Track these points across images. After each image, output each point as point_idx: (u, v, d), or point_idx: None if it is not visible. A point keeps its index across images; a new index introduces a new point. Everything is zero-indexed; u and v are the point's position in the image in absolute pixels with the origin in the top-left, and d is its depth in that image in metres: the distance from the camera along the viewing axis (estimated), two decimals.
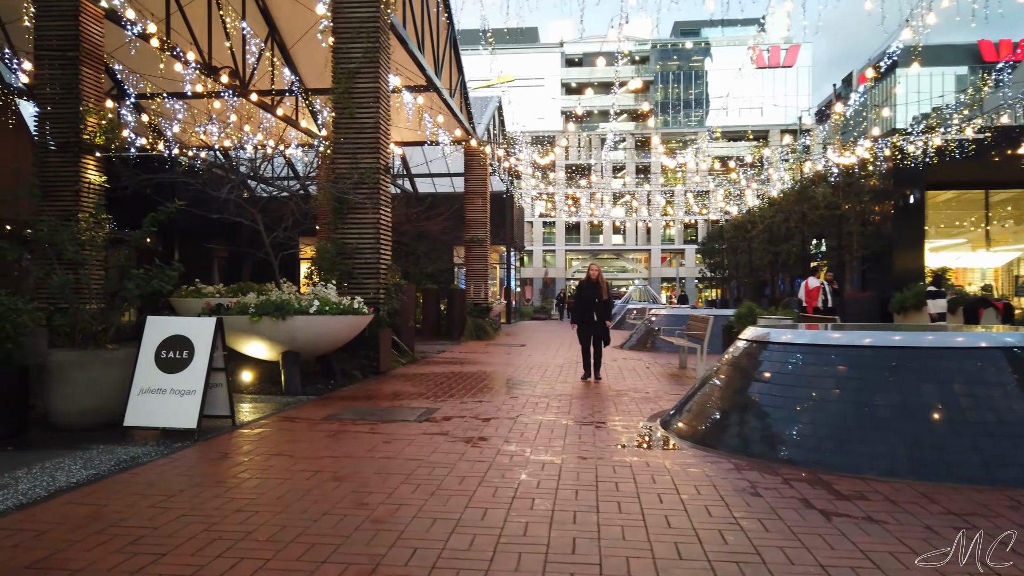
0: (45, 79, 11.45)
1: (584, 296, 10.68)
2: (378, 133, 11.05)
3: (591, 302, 10.58)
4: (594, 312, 10.55)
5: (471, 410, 7.77)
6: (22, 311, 6.57)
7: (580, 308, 10.75)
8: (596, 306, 10.55)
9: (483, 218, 22.49)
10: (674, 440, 6.20)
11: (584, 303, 10.66)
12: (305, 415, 7.33)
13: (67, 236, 6.72)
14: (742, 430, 5.88)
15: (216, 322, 6.32)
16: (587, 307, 10.60)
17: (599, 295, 10.57)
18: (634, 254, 76.92)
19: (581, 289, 10.82)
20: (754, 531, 3.82)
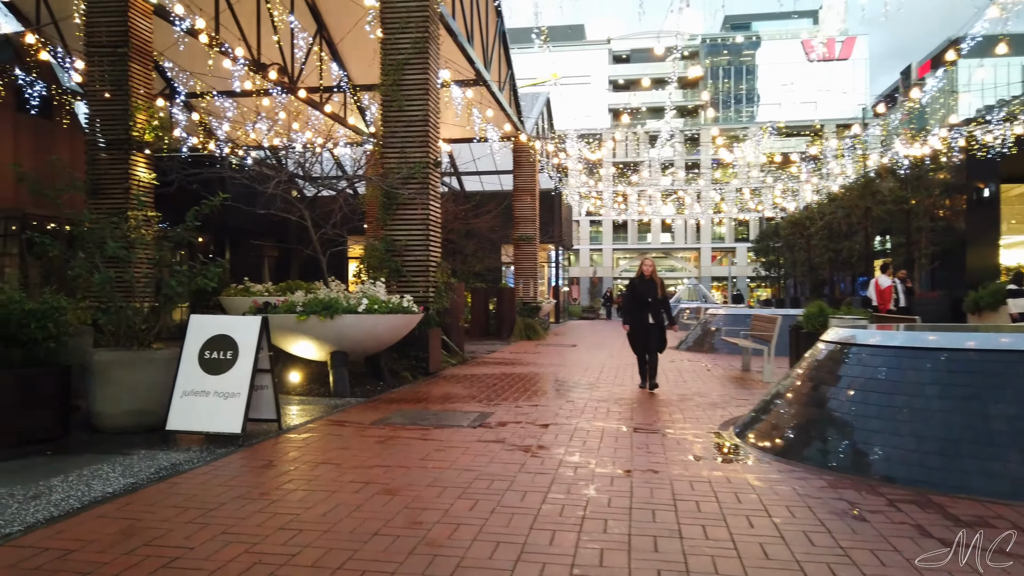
0: (95, 76, 11.39)
1: (637, 295, 9.43)
2: (427, 126, 10.69)
3: (645, 302, 9.36)
4: (649, 313, 9.35)
5: (527, 415, 7.33)
6: (66, 309, 6.36)
7: (633, 309, 9.51)
8: (651, 306, 9.35)
9: (532, 215, 22.05)
10: (752, 452, 5.66)
11: (637, 303, 9.44)
12: (353, 419, 6.98)
13: (109, 232, 6.48)
14: (830, 442, 5.31)
15: (261, 321, 6.01)
16: (641, 307, 9.39)
17: (654, 294, 9.35)
18: (683, 253, 75.60)
19: (633, 287, 9.53)
20: (870, 566, 3.29)
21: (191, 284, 6.41)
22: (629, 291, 9.67)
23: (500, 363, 12.83)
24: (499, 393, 8.92)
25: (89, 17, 11.38)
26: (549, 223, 27.37)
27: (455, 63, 14.85)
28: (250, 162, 14.65)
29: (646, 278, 9.40)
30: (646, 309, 9.35)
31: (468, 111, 17.34)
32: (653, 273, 9.45)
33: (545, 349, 16.34)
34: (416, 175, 10.58)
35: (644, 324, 9.38)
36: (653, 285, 9.37)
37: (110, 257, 6.68)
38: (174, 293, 6.30)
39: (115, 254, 6.22)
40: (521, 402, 8.20)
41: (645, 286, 9.38)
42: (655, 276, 9.46)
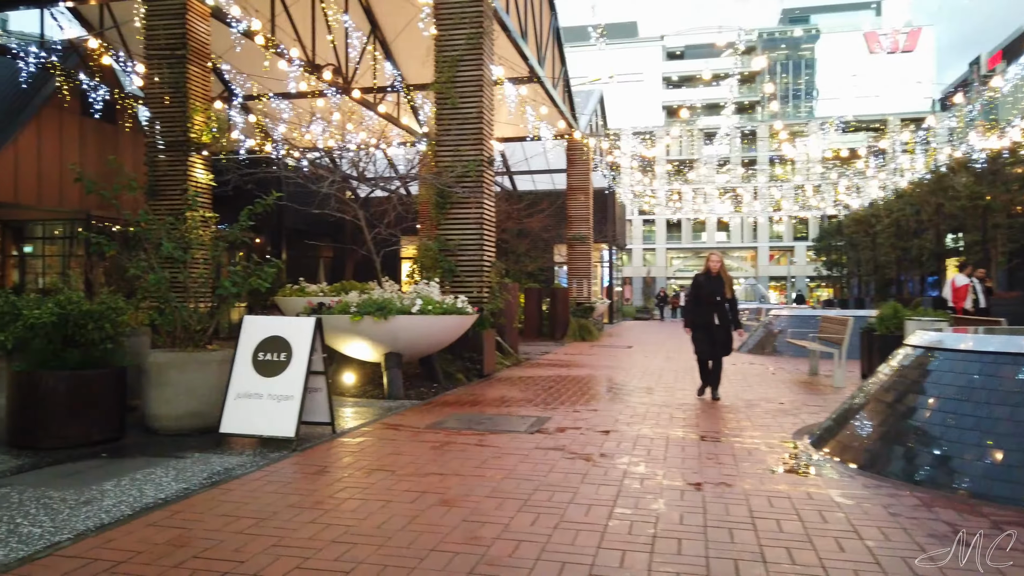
0: (154, 79, 11.53)
1: (702, 293, 8.58)
2: (481, 123, 10.49)
3: (711, 301, 8.54)
4: (715, 314, 8.53)
5: (586, 420, 7.05)
6: (123, 310, 6.34)
7: (697, 308, 8.69)
8: (717, 306, 8.52)
9: (586, 214, 21.71)
10: (832, 464, 5.27)
11: (702, 302, 8.61)
12: (408, 422, 6.81)
13: (164, 232, 6.45)
14: (920, 455, 4.89)
15: (315, 322, 5.87)
16: (706, 307, 8.58)
17: (721, 292, 8.49)
18: (740, 252, 74.07)
19: (698, 285, 8.68)
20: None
21: (245, 284, 6.33)
22: (693, 289, 8.86)
23: (555, 365, 12.56)
24: (555, 396, 8.66)
25: (149, 20, 11.53)
26: (602, 222, 26.97)
27: (508, 60, 14.64)
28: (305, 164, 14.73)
29: (712, 275, 8.57)
30: (712, 309, 8.54)
31: (521, 109, 17.11)
32: (721, 269, 8.61)
33: (600, 351, 16.00)
34: (470, 173, 10.39)
35: (709, 325, 8.57)
36: (720, 283, 8.54)
37: (166, 257, 6.65)
38: (228, 293, 6.22)
39: (170, 254, 6.16)
40: (579, 406, 7.92)
41: (711, 283, 8.56)
42: (723, 272, 8.61)
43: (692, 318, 8.79)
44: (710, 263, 8.66)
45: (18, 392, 5.44)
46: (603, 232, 26.96)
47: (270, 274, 6.38)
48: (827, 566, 3.28)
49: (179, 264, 6.31)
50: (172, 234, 6.85)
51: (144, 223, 6.70)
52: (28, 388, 5.41)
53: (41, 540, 3.52)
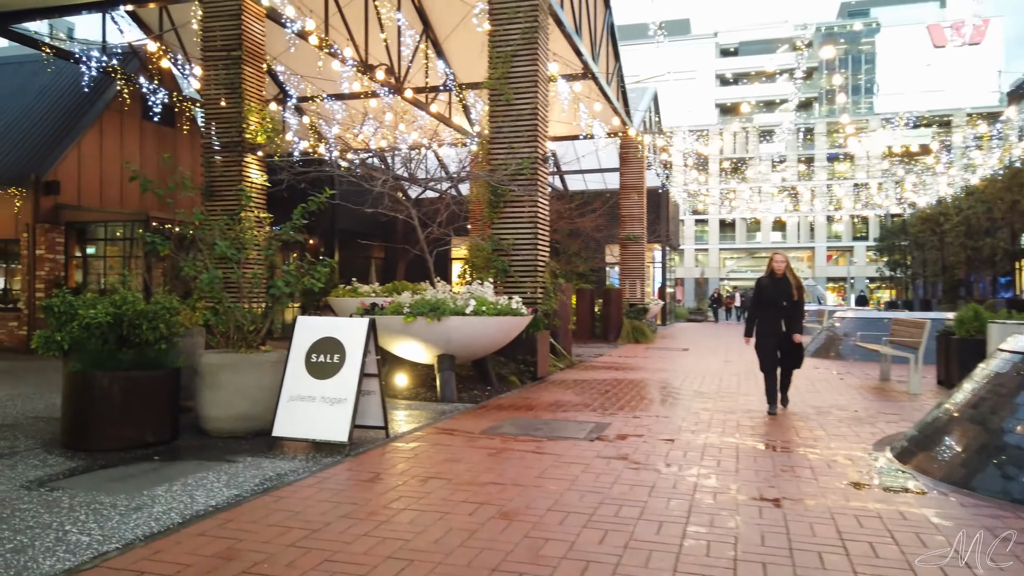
0: (211, 80, 11.60)
1: (766, 297, 7.67)
2: (536, 120, 10.24)
3: (777, 306, 7.63)
4: (781, 320, 7.61)
5: (647, 427, 6.73)
6: (177, 310, 6.28)
7: (761, 314, 7.75)
8: (784, 312, 7.60)
9: (639, 213, 21.28)
10: (921, 480, 4.85)
11: (767, 307, 7.69)
12: (463, 427, 6.59)
13: (219, 231, 6.37)
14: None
15: (368, 324, 5.70)
16: (771, 313, 7.64)
17: (788, 295, 7.58)
18: (796, 252, 72.25)
19: (761, 288, 7.77)
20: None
21: (298, 284, 6.20)
22: (756, 293, 7.88)
23: (610, 367, 12.23)
24: (613, 401, 8.35)
25: (205, 21, 11.61)
26: (655, 222, 26.47)
27: (561, 56, 14.35)
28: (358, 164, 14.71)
29: (777, 276, 7.66)
30: (778, 315, 7.60)
31: (574, 106, 16.81)
32: (787, 270, 7.70)
33: (655, 353, 15.59)
34: (524, 171, 10.15)
35: (774, 334, 7.62)
36: (787, 285, 7.60)
37: (220, 257, 6.57)
38: (281, 293, 6.10)
39: (224, 254, 6.07)
40: (639, 412, 7.60)
41: (776, 287, 7.63)
42: (789, 274, 7.69)
43: (753, 325, 7.86)
44: (774, 264, 7.77)
45: (73, 393, 5.40)
46: (656, 232, 26.45)
47: (323, 274, 6.25)
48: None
49: (232, 264, 6.21)
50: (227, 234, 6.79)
51: (198, 222, 6.64)
52: (82, 389, 5.37)
53: (89, 549, 3.39)
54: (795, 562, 3.34)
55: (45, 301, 5.97)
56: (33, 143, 16.94)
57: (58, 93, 18.15)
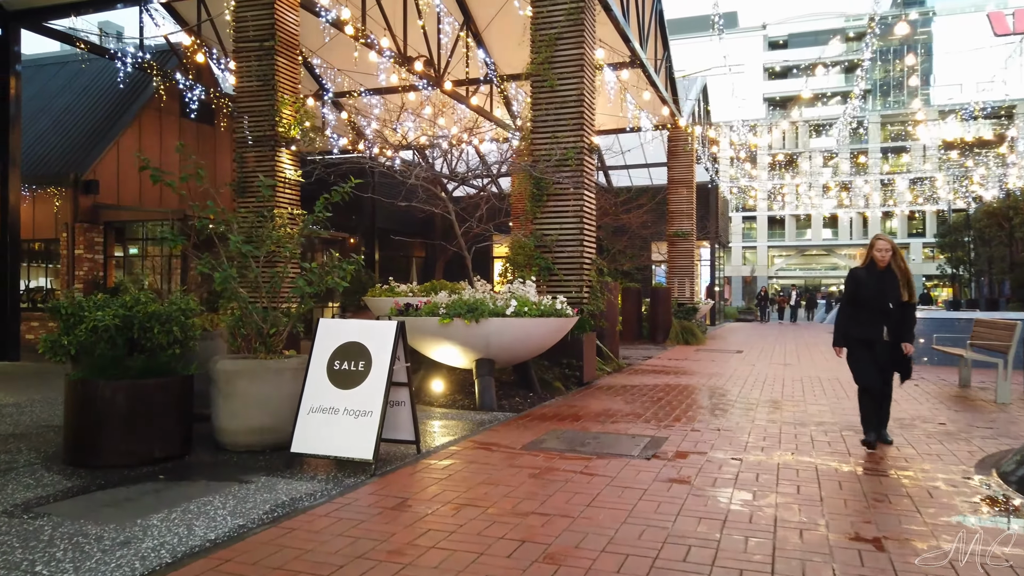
0: (243, 72, 11.19)
1: (863, 295, 5.81)
2: (582, 107, 9.56)
3: (879, 307, 5.75)
4: (884, 325, 5.75)
5: (709, 442, 6.01)
6: (194, 311, 5.78)
7: (858, 316, 5.90)
8: (891, 316, 5.75)
9: (688, 209, 20.41)
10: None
11: (867, 308, 5.82)
12: (502, 440, 5.97)
13: (236, 224, 5.85)
14: None
15: (397, 327, 5.10)
16: (871, 315, 5.79)
17: (895, 294, 5.74)
18: (848, 250, 70.05)
19: (856, 283, 5.91)
20: None
21: (321, 283, 5.65)
22: (849, 289, 6.02)
23: (660, 372, 11.48)
24: (666, 410, 7.63)
25: (237, 11, 11.20)
26: (703, 218, 25.52)
27: (607, 43, 13.63)
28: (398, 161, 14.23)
29: (880, 267, 5.81)
30: (880, 319, 5.79)
31: (620, 97, 16.06)
32: (893, 260, 5.86)
33: (707, 355, 14.76)
34: (569, 161, 9.47)
35: (874, 343, 5.81)
36: (892, 280, 5.77)
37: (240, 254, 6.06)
38: (303, 293, 5.55)
39: (238, 250, 5.55)
40: (696, 424, 6.87)
41: (878, 281, 5.78)
42: (896, 264, 5.86)
43: (848, 331, 6.01)
44: (876, 252, 5.85)
45: (73, 404, 4.92)
46: (705, 228, 25.49)
47: (348, 271, 5.68)
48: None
49: (248, 260, 5.68)
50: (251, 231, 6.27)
51: (213, 216, 6.13)
52: (83, 399, 4.88)
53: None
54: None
55: (51, 302, 5.52)
56: (73, 142, 16.87)
57: (99, 92, 18.08)
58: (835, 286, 68.98)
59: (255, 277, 5.66)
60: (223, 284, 5.36)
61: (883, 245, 5.88)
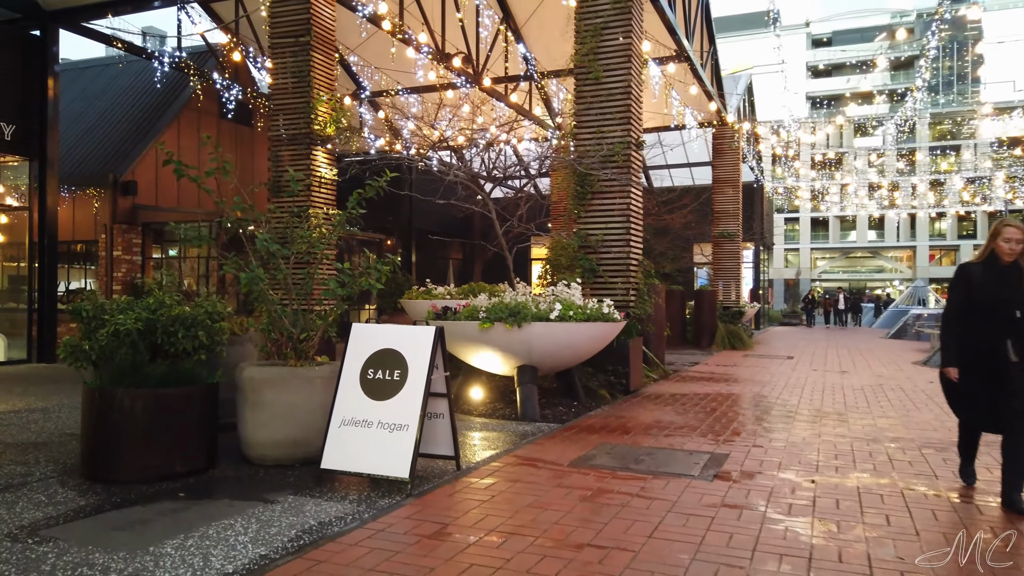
0: (278, 68, 10.92)
1: (985, 300, 4.50)
2: (629, 99, 9.07)
3: (1008, 315, 4.39)
4: (1009, 340, 4.36)
5: (775, 460, 5.47)
6: (221, 315, 5.45)
7: (973, 328, 4.54)
8: (1016, 326, 4.36)
9: (734, 209, 19.72)
10: None
11: (984, 317, 4.49)
12: (548, 456, 5.51)
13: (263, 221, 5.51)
14: None
15: (435, 333, 4.68)
16: (996, 326, 4.42)
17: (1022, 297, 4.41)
18: (894, 252, 68.19)
19: (970, 283, 4.58)
20: None
21: (355, 284, 5.26)
22: (960, 290, 4.65)
23: (709, 379, 10.91)
24: (722, 422, 7.10)
25: (272, 6, 10.94)
26: (748, 219, 24.75)
27: (651, 35, 13.10)
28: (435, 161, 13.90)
29: (1003, 263, 4.49)
30: (1001, 330, 4.41)
31: (664, 93, 15.50)
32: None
33: (756, 361, 14.11)
34: (615, 156, 8.98)
35: (987, 358, 4.45)
36: (1018, 278, 4.45)
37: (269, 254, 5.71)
38: (335, 295, 5.17)
39: (266, 249, 5.19)
40: (758, 438, 6.34)
41: (1001, 280, 4.48)
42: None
43: (956, 344, 4.64)
44: (1001, 242, 4.47)
45: (89, 414, 4.60)
46: (750, 229, 24.73)
47: (384, 272, 5.28)
48: None
49: (278, 261, 5.32)
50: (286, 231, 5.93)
51: (240, 213, 5.79)
52: (100, 409, 4.56)
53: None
54: None
55: (72, 304, 5.23)
56: (112, 144, 16.87)
57: (138, 94, 18.09)
58: (880, 289, 67.21)
59: (284, 278, 5.29)
60: (249, 286, 5.00)
61: (1014, 234, 4.42)
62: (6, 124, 12.38)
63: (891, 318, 30.21)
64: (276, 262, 5.23)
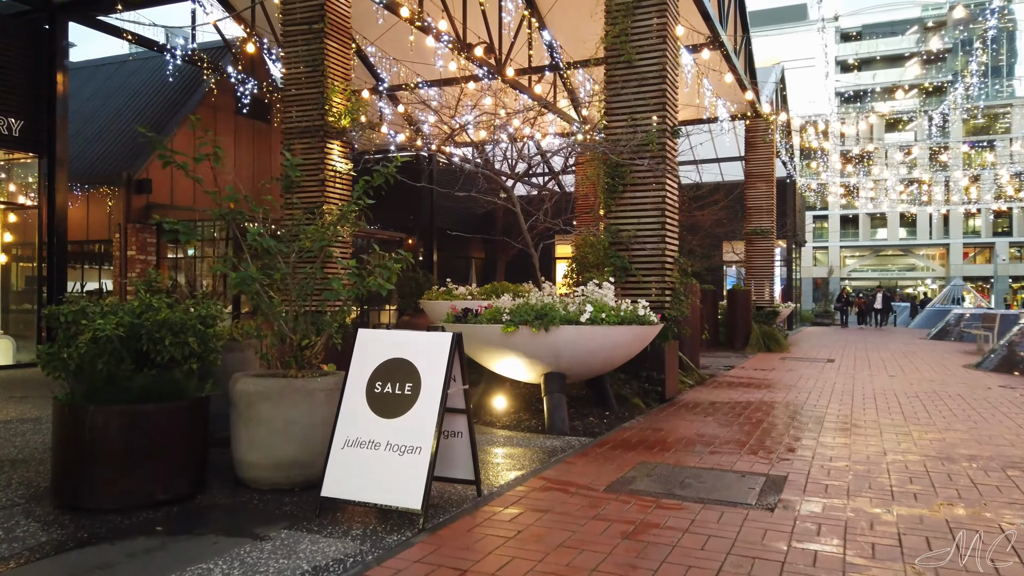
0: (291, 57, 10.38)
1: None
2: (664, 83, 8.38)
3: None
4: None
5: (840, 484, 4.78)
6: (214, 318, 4.88)
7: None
8: None
9: (768, 205, 18.90)
10: None
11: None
12: (580, 478, 4.87)
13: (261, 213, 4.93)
14: None
15: (452, 340, 4.07)
16: None
17: None
18: (926, 250, 66.45)
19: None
20: None
21: (362, 285, 4.66)
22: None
23: (748, 384, 10.19)
24: (772, 435, 6.41)
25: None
26: (781, 215, 23.87)
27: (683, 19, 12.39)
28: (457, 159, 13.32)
29: None
30: None
31: (697, 82, 14.77)
32: None
33: (795, 365, 13.34)
34: (650, 145, 8.31)
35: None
36: None
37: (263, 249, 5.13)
38: (339, 297, 4.58)
39: (259, 244, 4.61)
40: (816, 456, 5.64)
41: None
42: None
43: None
44: None
45: (59, 433, 4.05)
46: (783, 226, 23.86)
47: (394, 271, 4.68)
48: None
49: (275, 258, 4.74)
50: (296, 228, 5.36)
51: (233, 204, 5.23)
52: (73, 427, 3.99)
53: None
54: None
55: (49, 308, 4.69)
56: (127, 142, 16.49)
57: (153, 91, 17.72)
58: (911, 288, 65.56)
59: (282, 278, 4.70)
60: (240, 286, 4.42)
61: None
62: (14, 120, 11.98)
63: (929, 318, 29.13)
64: (273, 260, 4.64)
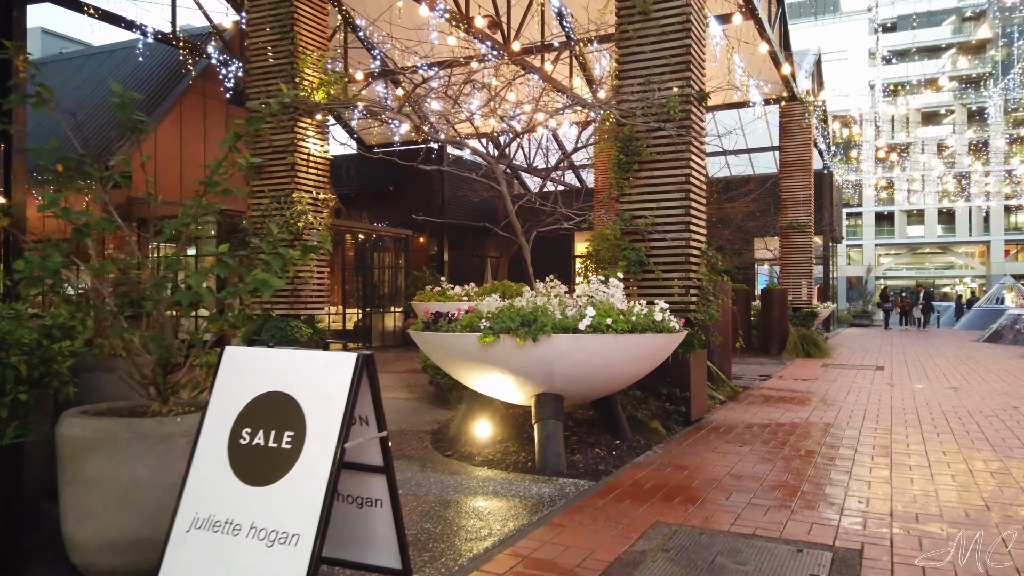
0: (255, 21, 9.07)
1: None
2: (688, 37, 6.89)
3: None
4: None
5: (942, 557, 3.27)
6: (72, 329, 3.54)
7: None
8: None
9: (805, 197, 17.25)
10: None
11: None
12: (568, 555, 3.42)
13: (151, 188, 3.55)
14: None
15: (356, 364, 2.64)
16: None
17: None
18: (966, 247, 63.75)
19: None
20: None
21: (238, 284, 3.26)
22: None
23: (789, 399, 8.65)
24: (829, 476, 4.89)
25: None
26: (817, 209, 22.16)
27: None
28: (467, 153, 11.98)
29: None
30: None
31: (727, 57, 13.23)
32: None
33: (840, 373, 11.72)
34: (671, 112, 6.82)
35: None
36: None
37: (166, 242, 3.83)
38: (193, 299, 3.17)
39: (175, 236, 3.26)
40: (898, 514, 4.12)
41: None
42: None
43: None
44: None
45: None
46: (820, 220, 22.14)
47: (290, 260, 3.26)
48: None
49: (86, 240, 3.38)
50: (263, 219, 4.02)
51: (120, 180, 3.90)
52: None
53: None
54: None
55: None
56: (109, 132, 15.38)
57: (142, 79, 16.61)
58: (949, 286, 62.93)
59: (175, 268, 3.32)
60: (32, 283, 3.04)
61: None
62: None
63: (978, 318, 27.18)
64: (83, 240, 3.28)
